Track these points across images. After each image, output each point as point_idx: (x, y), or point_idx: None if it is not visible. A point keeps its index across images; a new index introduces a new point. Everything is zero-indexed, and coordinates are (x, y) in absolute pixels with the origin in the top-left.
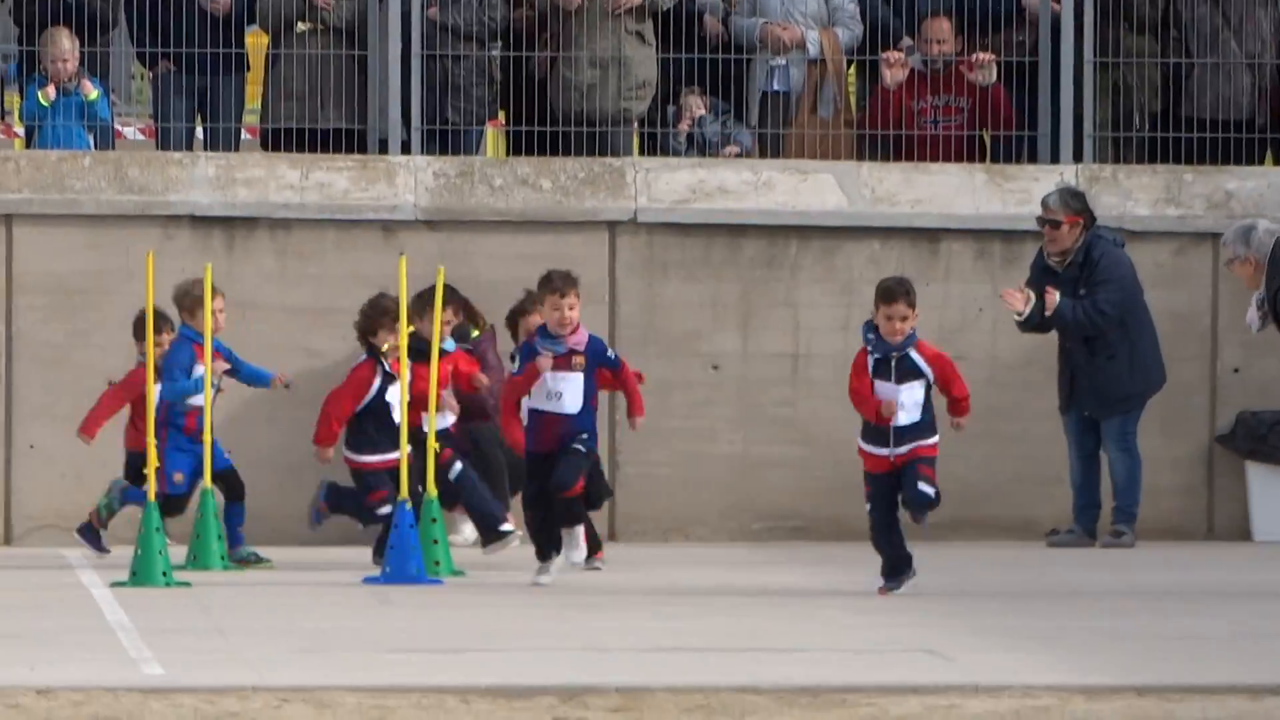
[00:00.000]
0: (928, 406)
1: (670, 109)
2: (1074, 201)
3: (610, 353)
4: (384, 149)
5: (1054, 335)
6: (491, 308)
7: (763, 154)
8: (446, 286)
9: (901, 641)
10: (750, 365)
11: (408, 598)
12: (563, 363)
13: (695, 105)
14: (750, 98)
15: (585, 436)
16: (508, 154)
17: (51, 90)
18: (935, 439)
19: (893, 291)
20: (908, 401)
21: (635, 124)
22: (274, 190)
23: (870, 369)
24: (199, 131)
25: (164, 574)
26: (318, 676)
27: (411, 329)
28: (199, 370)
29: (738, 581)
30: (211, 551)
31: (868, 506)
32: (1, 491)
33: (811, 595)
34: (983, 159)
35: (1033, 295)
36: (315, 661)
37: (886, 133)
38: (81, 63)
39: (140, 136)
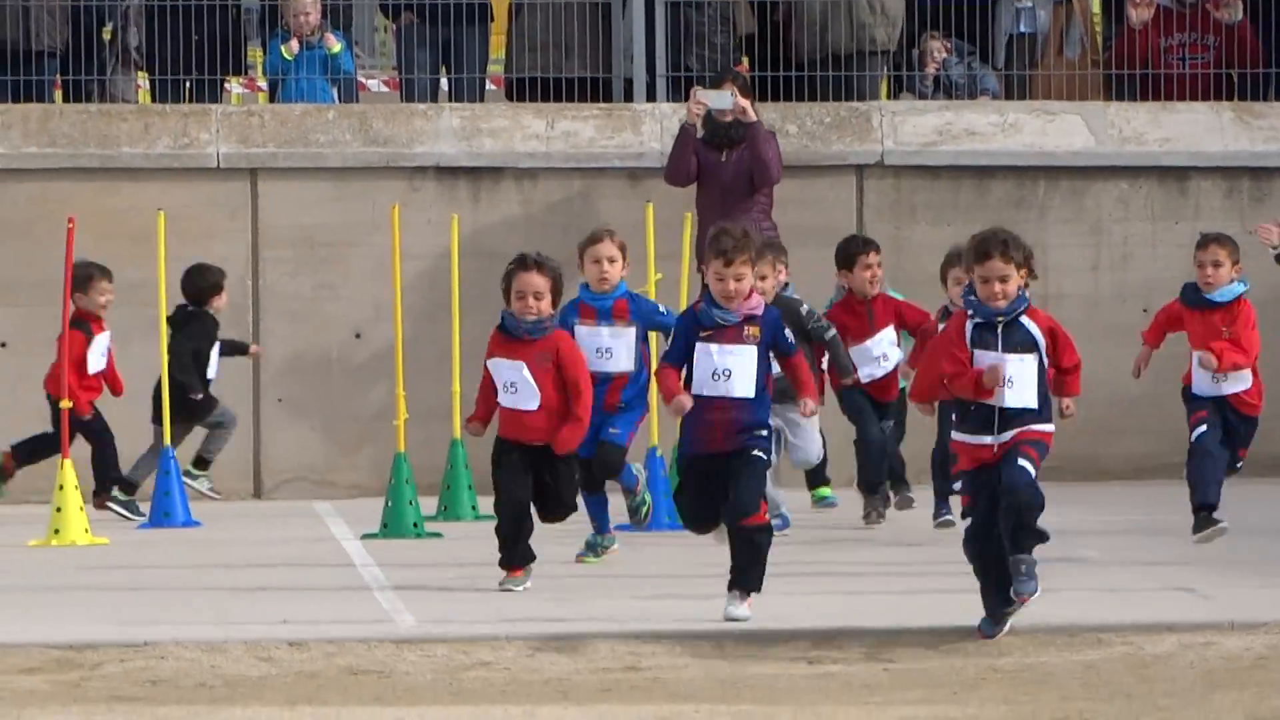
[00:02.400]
0: (1043, 388)
1: (914, 53)
2: None
3: (789, 334)
4: (628, 97)
5: None
6: None
7: (1009, 96)
8: None
9: (1157, 580)
10: None
11: (656, 545)
12: (733, 334)
13: (938, 49)
14: (997, 39)
15: (764, 434)
16: (753, 101)
17: (295, 44)
18: (1050, 427)
19: (986, 245)
20: (1017, 377)
21: (882, 66)
22: (519, 140)
23: (968, 337)
24: (443, 83)
25: (415, 525)
26: (568, 625)
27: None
28: None
29: None
30: (462, 502)
31: (964, 515)
32: (251, 445)
33: (1065, 534)
34: (1230, 97)
35: None
36: (566, 610)
37: (1133, 72)
38: (324, 16)
39: (384, 89)
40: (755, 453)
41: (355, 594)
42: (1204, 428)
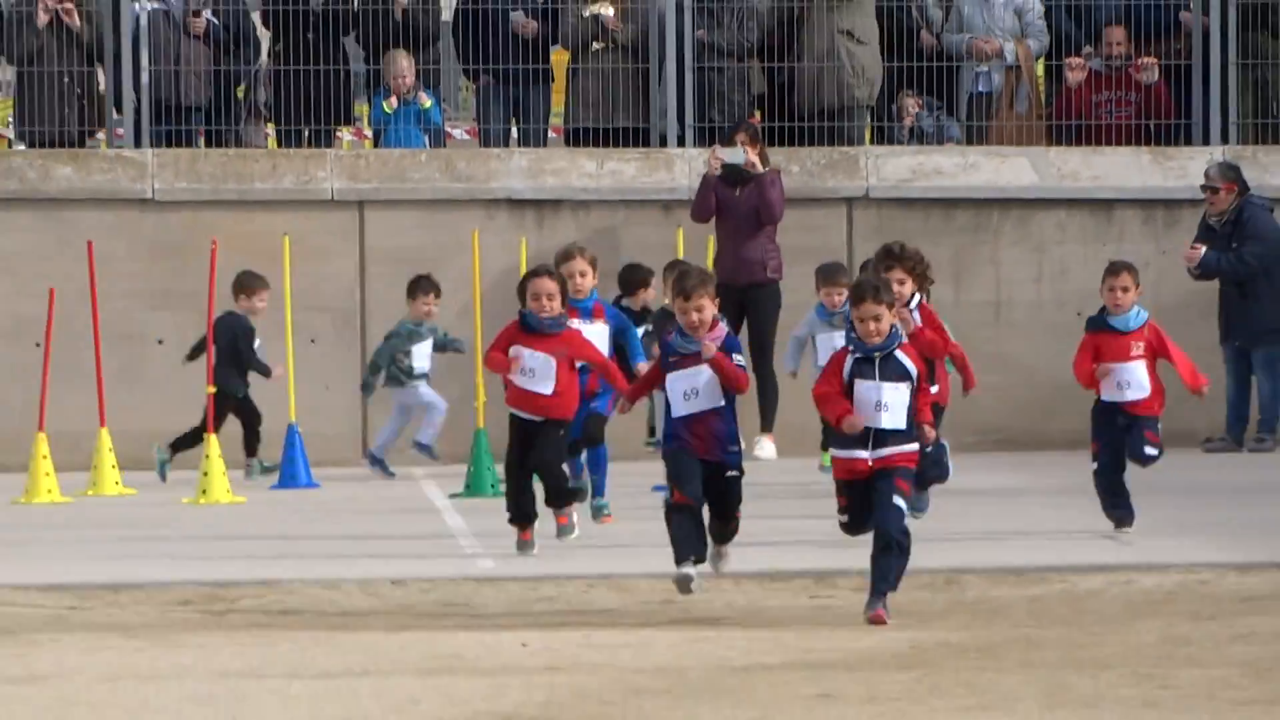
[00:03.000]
0: (912, 412)
1: (893, 107)
2: (1230, 172)
3: (739, 358)
4: (663, 143)
5: (1214, 282)
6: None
7: (970, 142)
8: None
9: (1089, 530)
10: (961, 311)
11: None
12: (693, 359)
13: (911, 104)
14: (960, 97)
15: (736, 450)
16: (762, 146)
17: (394, 100)
18: (915, 446)
19: (861, 290)
20: (891, 402)
21: (867, 118)
22: (575, 177)
23: (847, 369)
24: (513, 131)
25: (492, 486)
26: (619, 567)
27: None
28: None
29: (956, 484)
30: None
31: (840, 518)
32: (360, 422)
33: (1012, 493)
34: (1148, 142)
35: (1204, 249)
36: (617, 555)
37: (1069, 122)
38: (418, 77)
39: (466, 136)
40: (730, 474)
41: (444, 542)
42: (1097, 462)
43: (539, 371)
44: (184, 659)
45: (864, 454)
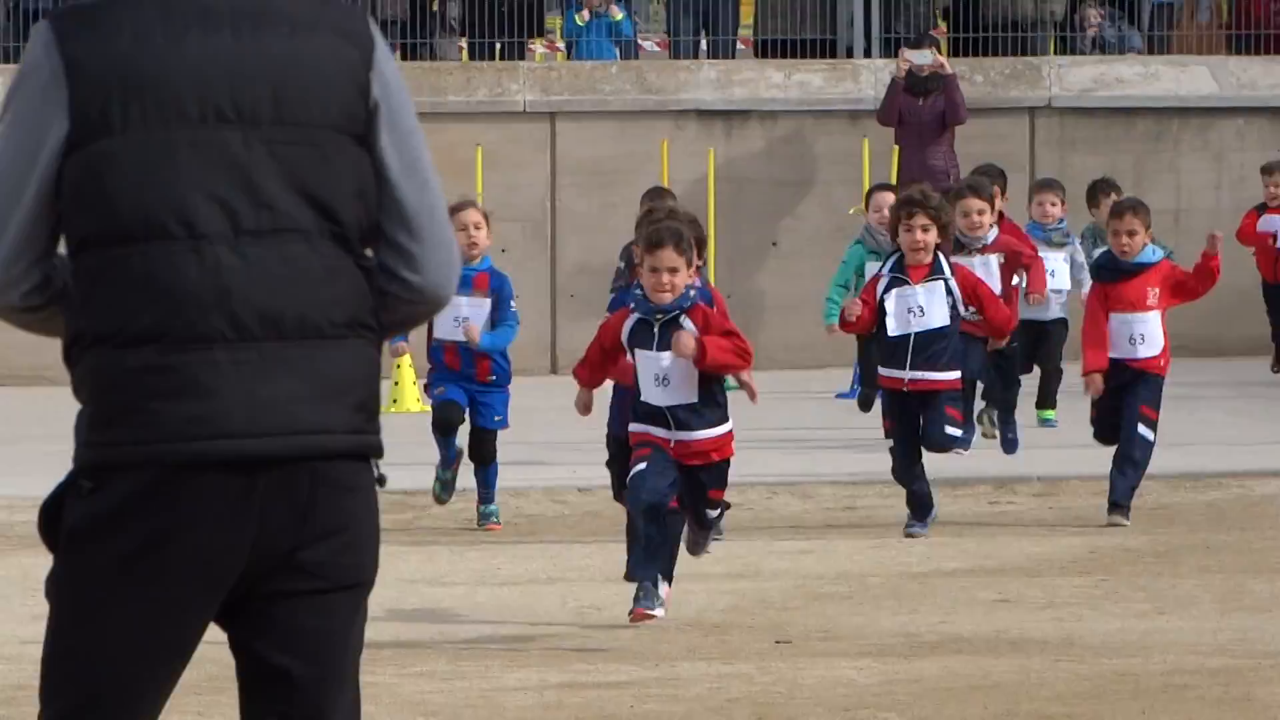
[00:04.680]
0: (708, 387)
1: (1076, 18)
2: None
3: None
4: (849, 54)
5: None
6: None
7: (1151, 52)
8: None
9: (1265, 435)
10: None
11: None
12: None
13: (1094, 15)
14: (1141, 7)
15: None
16: (946, 57)
17: (586, 14)
18: (726, 426)
19: (659, 235)
20: (672, 375)
21: (1053, 28)
22: (763, 88)
23: (627, 330)
24: (703, 43)
25: None
26: (799, 472)
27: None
28: None
29: None
30: None
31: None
32: (549, 331)
33: (1190, 400)
34: None
35: None
36: (797, 460)
37: (1250, 32)
38: None
39: (656, 48)
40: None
41: None
42: (1095, 427)
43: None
44: None
45: (663, 433)
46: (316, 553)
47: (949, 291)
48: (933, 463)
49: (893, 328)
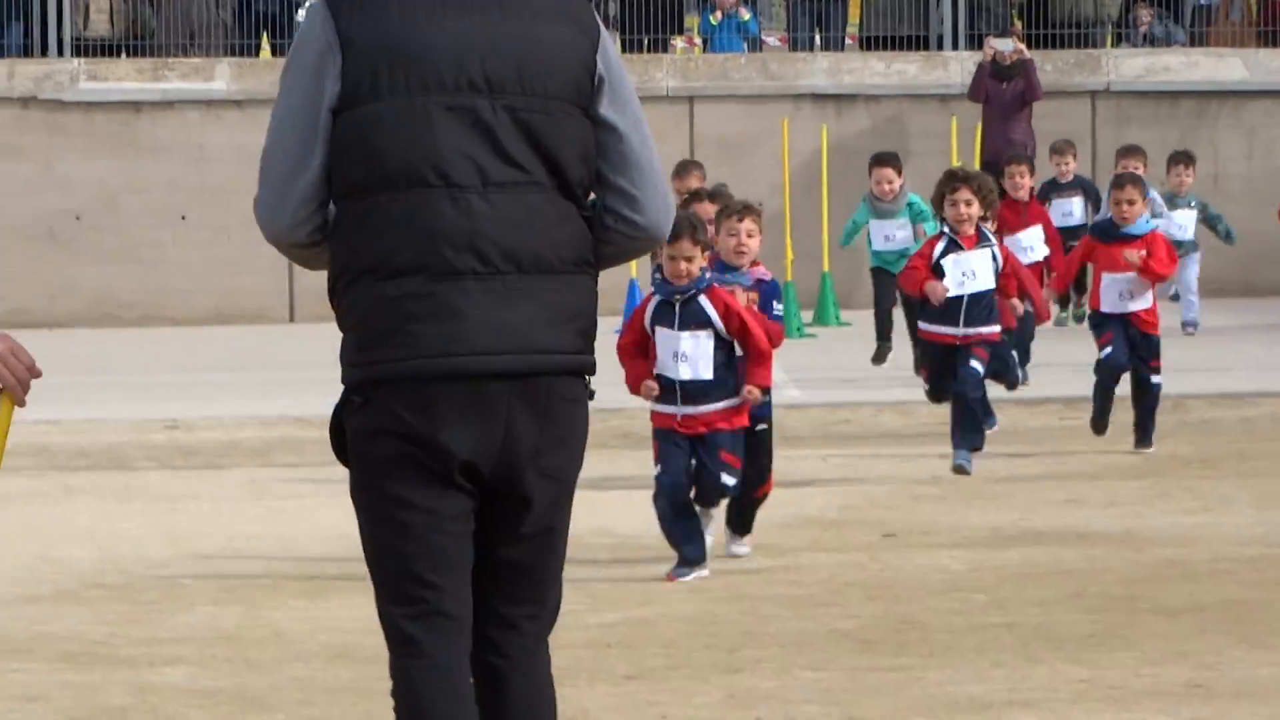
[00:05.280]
0: (720, 364)
1: (1130, 16)
2: None
3: (777, 307)
4: (940, 46)
5: None
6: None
7: (1193, 44)
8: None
9: None
10: None
11: None
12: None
13: (1145, 14)
14: (1184, 7)
15: (766, 412)
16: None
17: (719, 13)
18: (737, 401)
19: (679, 227)
20: (690, 351)
21: (1110, 25)
22: (868, 76)
23: (650, 315)
24: (816, 38)
25: (799, 329)
26: (901, 397)
27: None
28: None
29: (1178, 324)
30: (829, 313)
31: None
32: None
33: (1227, 332)
34: None
35: None
36: (899, 389)
37: (1276, 28)
38: None
39: (777, 43)
40: (760, 428)
41: None
42: (1110, 348)
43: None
44: None
45: (672, 409)
46: (551, 457)
47: (994, 258)
48: (999, 393)
49: (951, 289)
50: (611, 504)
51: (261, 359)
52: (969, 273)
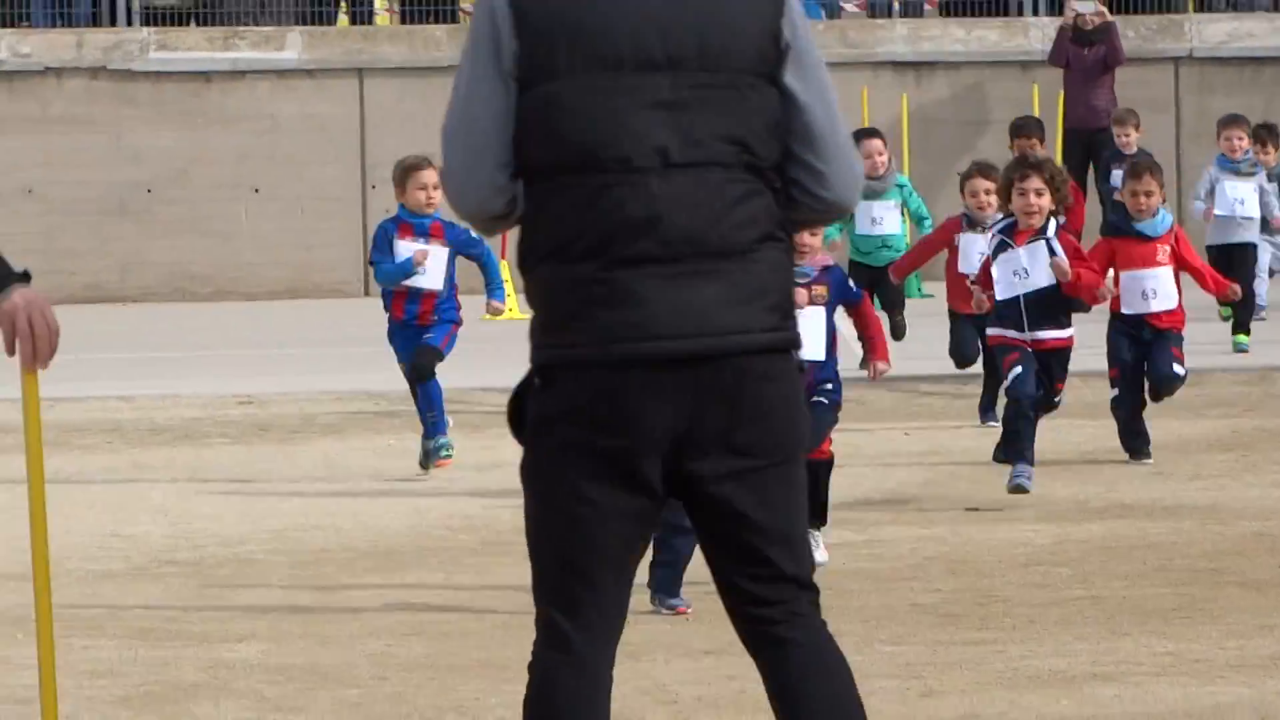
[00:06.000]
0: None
1: None
2: None
3: (852, 284)
4: (1020, 12)
5: None
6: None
7: (1277, 9)
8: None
9: None
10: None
11: None
12: (800, 293)
13: None
14: None
15: (830, 387)
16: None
17: None
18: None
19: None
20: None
21: None
22: (948, 43)
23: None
24: (895, 4)
25: (918, 290)
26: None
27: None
28: None
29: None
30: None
31: None
32: None
33: None
34: None
35: None
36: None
37: None
38: None
39: (855, 9)
40: (818, 399)
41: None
42: (1118, 388)
43: None
44: None
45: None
46: (746, 435)
47: (1051, 251)
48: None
49: (1000, 292)
50: None
51: (335, 334)
52: (1019, 271)
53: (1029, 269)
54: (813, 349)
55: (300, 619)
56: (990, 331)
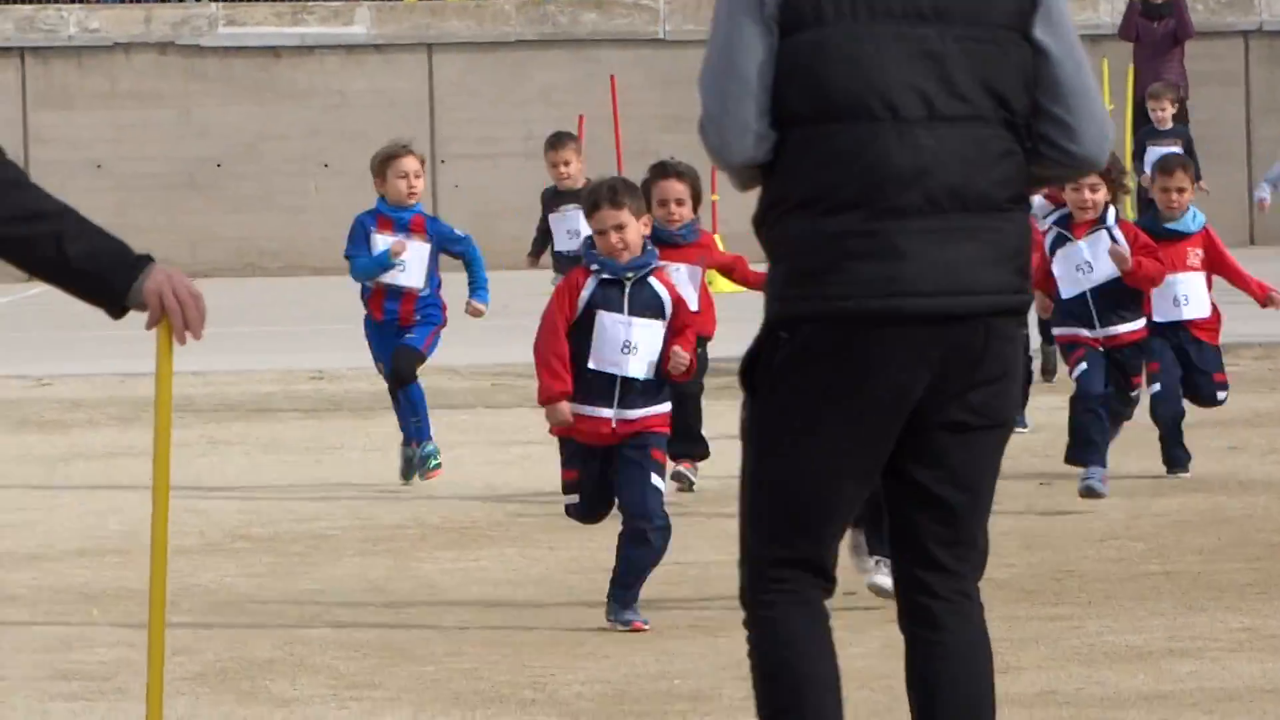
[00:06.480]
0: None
1: None
2: None
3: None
4: None
5: None
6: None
7: None
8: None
9: None
10: None
11: None
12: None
13: None
14: None
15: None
16: None
17: None
18: (666, 407)
19: (595, 195)
20: (641, 343)
21: None
22: None
23: (588, 293)
24: None
25: None
26: None
27: None
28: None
29: None
30: None
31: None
32: None
33: None
34: None
35: None
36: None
37: None
38: None
39: None
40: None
41: None
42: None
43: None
44: None
45: (608, 412)
46: (982, 395)
47: (1114, 240)
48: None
49: (1064, 290)
50: None
51: None
52: (1083, 266)
53: (1093, 261)
54: None
55: (375, 595)
56: (1057, 331)
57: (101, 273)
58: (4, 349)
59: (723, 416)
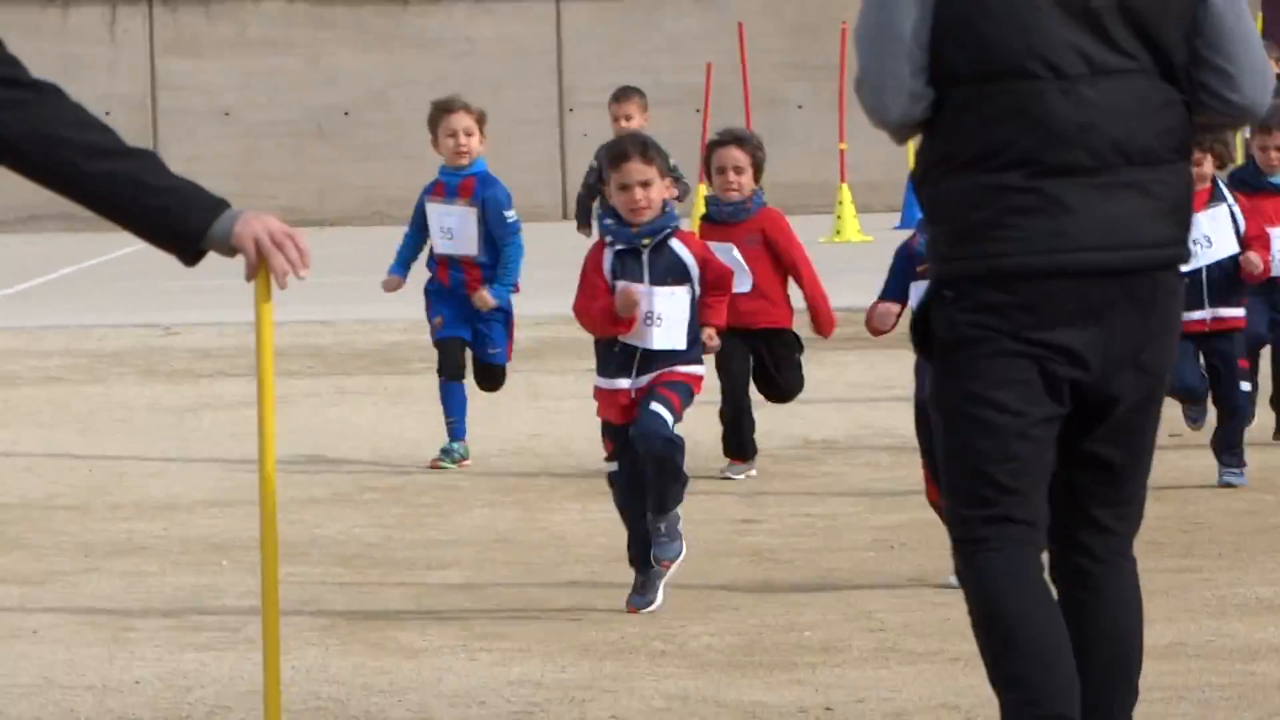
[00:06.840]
0: (694, 326)
1: None
2: None
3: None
4: None
5: None
6: None
7: None
8: None
9: None
10: None
11: None
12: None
13: None
14: None
15: None
16: None
17: None
18: (700, 369)
19: (623, 153)
20: (665, 314)
21: None
22: None
23: (608, 266)
24: None
25: None
26: None
27: None
28: None
29: None
30: None
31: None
32: None
33: None
34: None
35: None
36: None
37: None
38: None
39: None
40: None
41: None
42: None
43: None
44: None
45: (626, 383)
46: (1153, 353)
47: (1233, 216)
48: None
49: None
50: (892, 407)
51: (533, 258)
52: (1201, 240)
53: (1210, 237)
54: None
55: (504, 546)
56: None
57: (179, 211)
58: (130, 298)
59: (851, 367)
